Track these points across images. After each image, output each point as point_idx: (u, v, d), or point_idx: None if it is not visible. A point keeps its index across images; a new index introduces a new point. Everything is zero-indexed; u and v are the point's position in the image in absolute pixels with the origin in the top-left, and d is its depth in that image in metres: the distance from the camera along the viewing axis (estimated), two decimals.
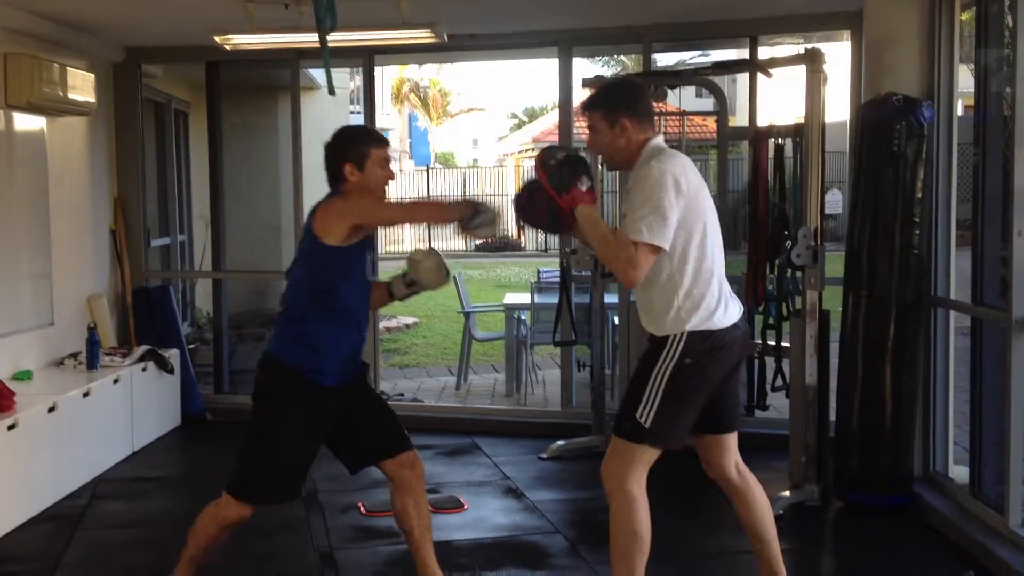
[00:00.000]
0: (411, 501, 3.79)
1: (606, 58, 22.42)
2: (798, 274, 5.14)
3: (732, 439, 3.68)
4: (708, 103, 10.67)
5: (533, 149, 24.26)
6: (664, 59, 17.42)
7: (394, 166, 3.82)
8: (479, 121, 45.29)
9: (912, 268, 4.88)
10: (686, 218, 3.38)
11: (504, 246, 25.32)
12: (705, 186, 3.51)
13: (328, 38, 4.52)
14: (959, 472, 5.00)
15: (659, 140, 3.55)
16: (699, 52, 14.65)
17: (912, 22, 5.06)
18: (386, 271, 4.60)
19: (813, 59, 5.03)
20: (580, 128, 6.72)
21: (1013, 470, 4.25)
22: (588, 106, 3.64)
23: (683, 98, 9.30)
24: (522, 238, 26.27)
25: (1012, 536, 4.23)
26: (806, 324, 5.04)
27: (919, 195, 4.86)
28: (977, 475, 4.75)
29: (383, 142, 3.70)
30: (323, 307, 3.58)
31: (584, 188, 3.45)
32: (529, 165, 27.52)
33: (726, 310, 3.47)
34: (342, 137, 3.69)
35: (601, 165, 5.81)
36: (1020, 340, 4.21)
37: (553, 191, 3.47)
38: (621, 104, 3.55)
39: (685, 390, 3.43)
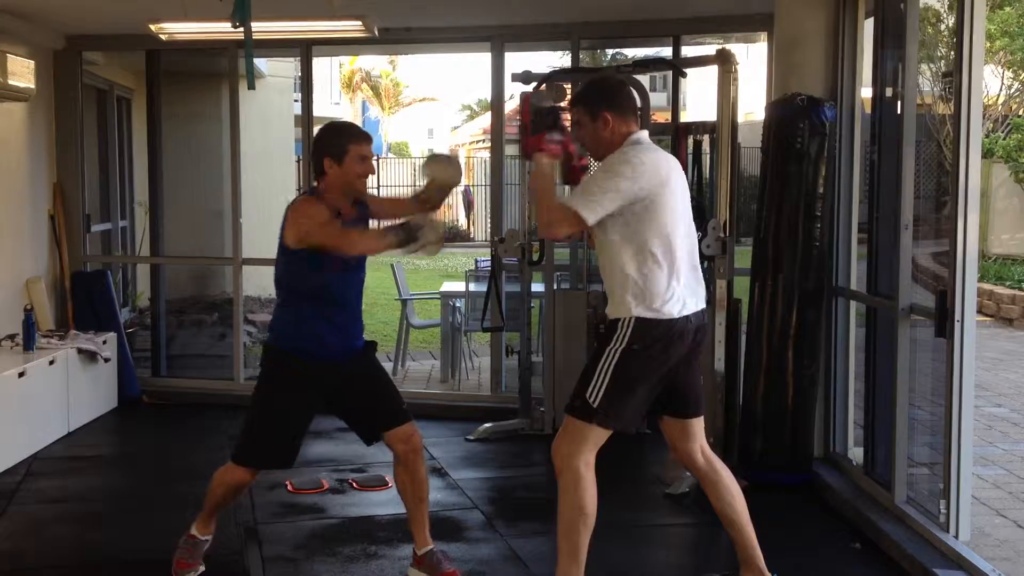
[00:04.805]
0: (406, 475, 4.04)
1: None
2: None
3: (697, 424, 3.81)
4: (661, 97, 10.94)
5: (484, 140, 24.40)
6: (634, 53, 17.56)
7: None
8: (433, 111, 45.30)
9: (814, 259, 5.14)
10: (639, 206, 3.53)
11: (454, 237, 25.50)
12: (679, 179, 3.68)
13: (259, 28, 4.69)
14: (859, 453, 5.27)
15: (641, 134, 3.73)
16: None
17: (819, 24, 5.31)
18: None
19: (724, 59, 5.27)
20: (513, 120, 6.94)
21: (899, 450, 4.54)
22: (573, 103, 3.91)
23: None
24: (471, 229, 26.48)
25: (897, 511, 4.51)
26: (715, 312, 5.29)
27: (821, 190, 5.12)
28: (871, 455, 5.02)
29: (363, 138, 3.88)
30: (298, 297, 3.88)
31: (553, 141, 3.72)
32: (481, 156, 27.66)
33: (678, 301, 3.59)
34: (324, 132, 3.91)
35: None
36: (906, 327, 4.49)
37: (528, 133, 3.79)
38: (601, 99, 3.77)
39: (632, 375, 3.58)
